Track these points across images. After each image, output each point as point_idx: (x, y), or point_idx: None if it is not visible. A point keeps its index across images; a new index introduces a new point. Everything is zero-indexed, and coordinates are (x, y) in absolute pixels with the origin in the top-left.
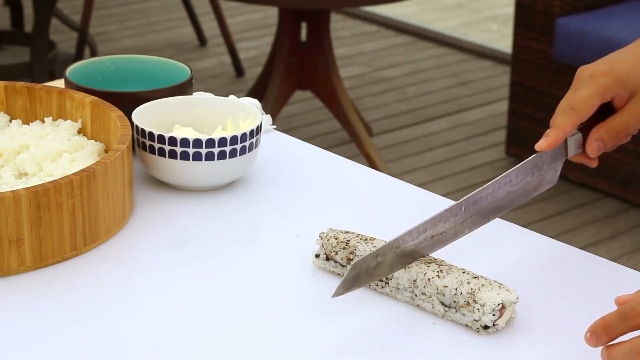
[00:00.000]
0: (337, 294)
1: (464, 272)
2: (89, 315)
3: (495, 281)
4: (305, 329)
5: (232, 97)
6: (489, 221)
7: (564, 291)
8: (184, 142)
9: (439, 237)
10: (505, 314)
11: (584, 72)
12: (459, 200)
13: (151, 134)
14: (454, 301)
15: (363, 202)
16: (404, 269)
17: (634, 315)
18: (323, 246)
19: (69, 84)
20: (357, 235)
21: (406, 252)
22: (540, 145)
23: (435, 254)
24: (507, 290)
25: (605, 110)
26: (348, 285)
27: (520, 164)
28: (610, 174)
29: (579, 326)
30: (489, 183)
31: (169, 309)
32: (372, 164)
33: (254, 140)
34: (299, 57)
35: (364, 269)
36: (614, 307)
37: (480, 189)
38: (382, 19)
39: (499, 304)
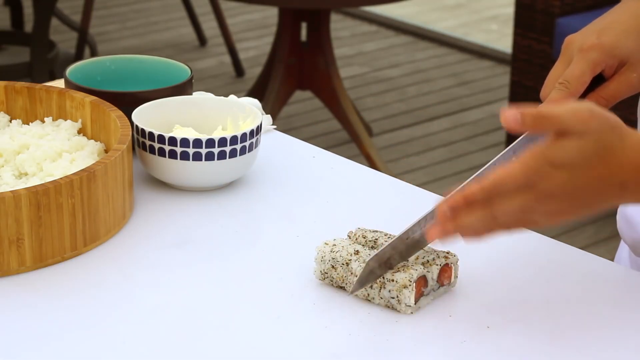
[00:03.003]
0: (355, 289)
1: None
2: (89, 315)
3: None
4: (305, 330)
5: (232, 97)
6: None
7: (564, 291)
8: (184, 142)
9: None
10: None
11: (572, 43)
12: (463, 183)
13: (151, 134)
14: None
15: (363, 202)
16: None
17: (497, 194)
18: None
19: (69, 84)
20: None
21: (415, 242)
22: None
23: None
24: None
25: (594, 78)
26: (364, 281)
27: (517, 140)
28: None
29: (579, 326)
30: (490, 162)
31: (169, 308)
32: (372, 164)
33: (254, 140)
34: (299, 57)
35: (377, 265)
36: (613, 307)
37: (483, 168)
38: (382, 19)
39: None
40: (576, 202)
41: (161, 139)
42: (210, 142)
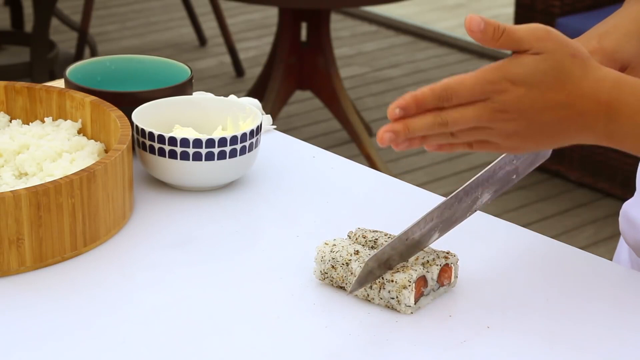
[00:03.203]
0: (353, 289)
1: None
2: (89, 315)
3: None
4: (305, 330)
5: (232, 97)
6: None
7: (564, 291)
8: (184, 142)
9: (442, 225)
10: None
11: None
12: (464, 185)
13: (151, 134)
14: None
15: (363, 202)
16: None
17: (448, 98)
18: (322, 260)
19: (69, 84)
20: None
21: (414, 243)
22: None
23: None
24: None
25: None
26: (363, 281)
27: None
28: (610, 174)
29: (579, 326)
30: (491, 164)
31: (169, 308)
32: (372, 164)
33: (254, 140)
34: (299, 57)
35: (376, 265)
36: (613, 307)
37: (484, 170)
38: (382, 19)
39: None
40: (533, 125)
41: (161, 139)
42: (210, 142)
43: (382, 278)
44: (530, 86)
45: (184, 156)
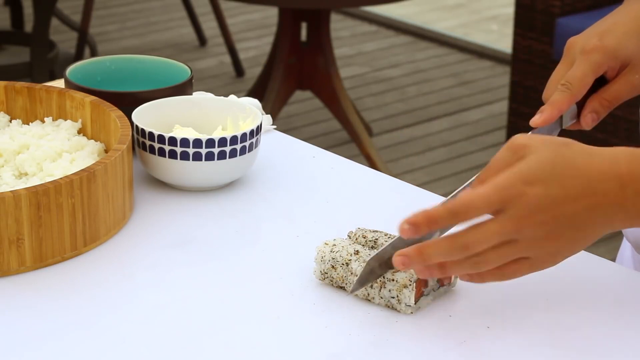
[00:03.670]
0: (355, 289)
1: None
2: (89, 316)
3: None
4: (305, 330)
5: (232, 97)
6: None
7: (564, 291)
8: (184, 142)
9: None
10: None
11: (574, 45)
12: (464, 185)
13: (151, 134)
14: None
15: (363, 202)
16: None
17: (464, 212)
18: (322, 260)
19: (69, 84)
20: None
21: (415, 242)
22: (535, 121)
23: None
24: None
25: (597, 80)
26: (364, 280)
27: None
28: None
29: (579, 326)
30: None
31: (169, 308)
32: (372, 164)
33: (254, 140)
34: (299, 57)
35: (377, 264)
36: (613, 307)
37: (482, 170)
38: (382, 19)
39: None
40: (561, 220)
41: (161, 139)
42: (210, 142)
43: (383, 277)
44: (545, 182)
45: (184, 156)
